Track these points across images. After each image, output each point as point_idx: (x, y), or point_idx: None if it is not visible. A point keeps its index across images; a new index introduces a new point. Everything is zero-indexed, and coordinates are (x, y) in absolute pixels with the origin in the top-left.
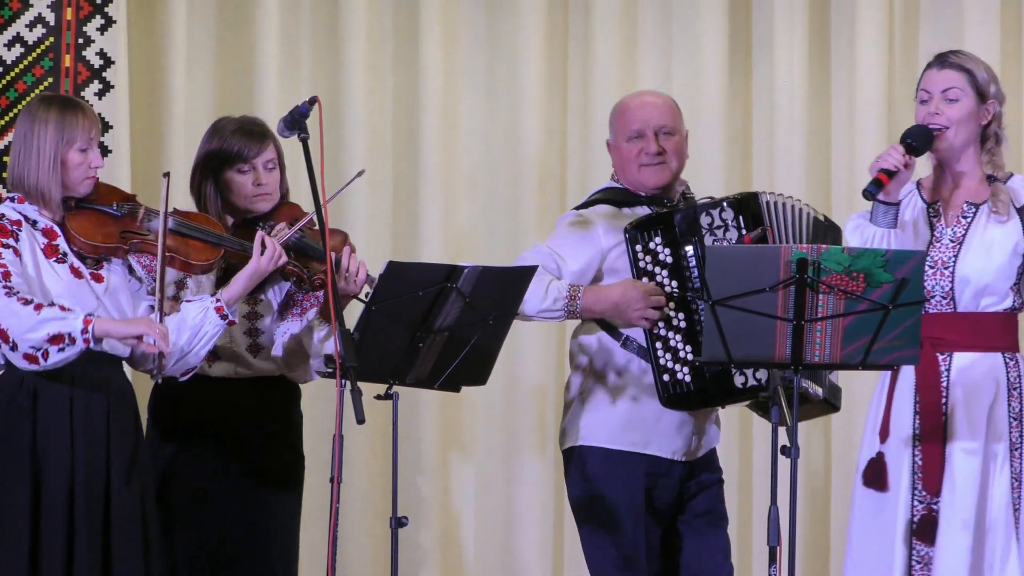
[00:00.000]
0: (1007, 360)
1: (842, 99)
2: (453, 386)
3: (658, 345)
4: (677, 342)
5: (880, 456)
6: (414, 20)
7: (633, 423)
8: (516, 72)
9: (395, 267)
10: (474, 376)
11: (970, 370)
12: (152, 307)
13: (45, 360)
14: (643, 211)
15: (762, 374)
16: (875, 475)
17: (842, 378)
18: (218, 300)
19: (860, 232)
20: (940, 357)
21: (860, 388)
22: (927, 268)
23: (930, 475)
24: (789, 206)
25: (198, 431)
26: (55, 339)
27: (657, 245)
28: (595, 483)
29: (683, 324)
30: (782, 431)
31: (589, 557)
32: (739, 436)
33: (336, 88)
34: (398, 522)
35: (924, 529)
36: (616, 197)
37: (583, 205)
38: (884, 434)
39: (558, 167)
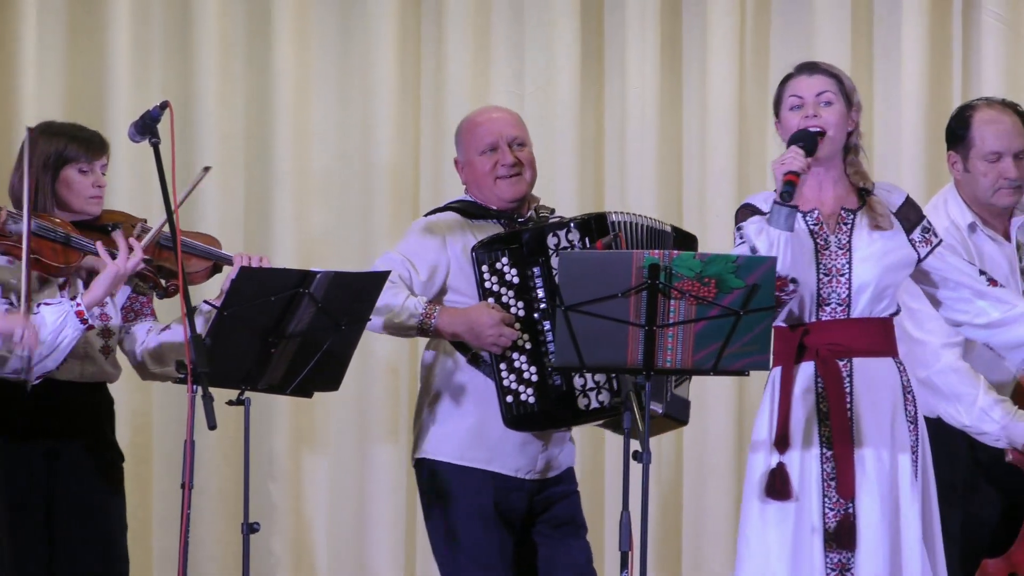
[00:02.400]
0: (898, 365)
1: (694, 107)
2: (305, 391)
3: (503, 366)
4: (522, 363)
5: (781, 466)
6: (266, 25)
7: (478, 440)
8: (368, 77)
9: (247, 273)
10: (327, 381)
11: (872, 375)
12: (7, 310)
13: None
14: (492, 225)
15: (605, 397)
16: (778, 485)
17: (694, 384)
18: (78, 304)
19: (766, 235)
20: (841, 363)
21: (712, 395)
22: (822, 276)
23: (844, 481)
24: (638, 224)
25: (31, 433)
26: None
27: (504, 265)
28: (444, 497)
29: (528, 346)
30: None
31: (441, 566)
32: (591, 442)
33: (187, 92)
34: (250, 528)
35: (842, 535)
36: (464, 208)
37: (432, 212)
38: (783, 444)
39: (410, 172)
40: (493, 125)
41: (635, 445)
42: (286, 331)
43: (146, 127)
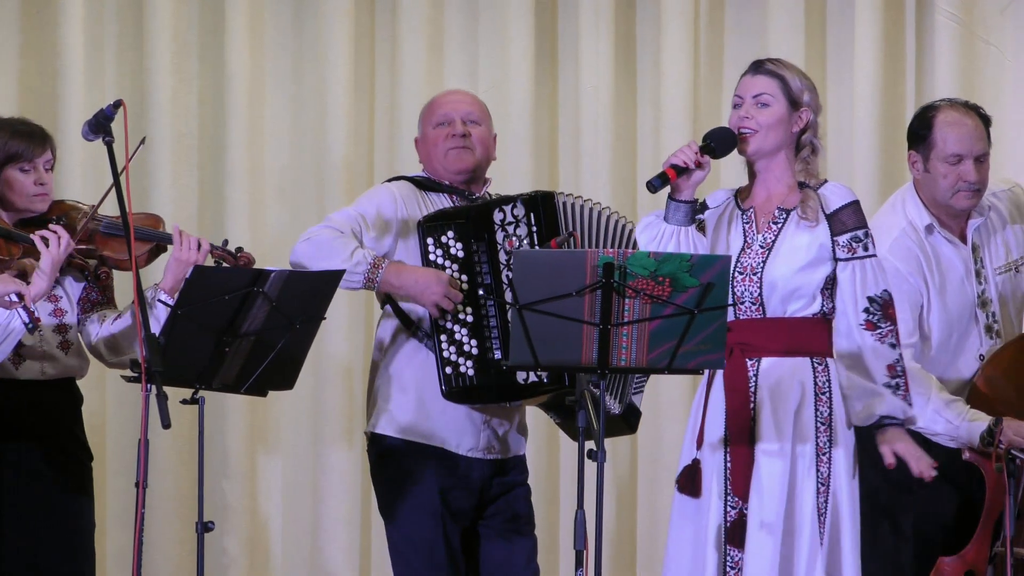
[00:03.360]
0: (816, 365)
1: (647, 105)
2: (260, 390)
3: (443, 338)
4: (462, 336)
5: (696, 463)
6: (219, 23)
7: (420, 413)
8: (322, 75)
9: (201, 272)
10: (281, 380)
11: (776, 374)
12: None
13: None
14: (444, 200)
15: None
16: (689, 481)
17: (649, 383)
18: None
19: (650, 229)
20: (749, 362)
21: (667, 394)
22: (737, 274)
23: (738, 479)
24: (587, 208)
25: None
26: None
27: (449, 239)
28: (391, 481)
29: (470, 319)
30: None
31: (393, 555)
32: (547, 440)
33: (141, 92)
34: (204, 527)
35: (734, 533)
36: (416, 178)
37: (390, 180)
38: (700, 440)
39: (365, 170)
40: (449, 103)
41: (590, 444)
42: (240, 330)
43: (100, 126)
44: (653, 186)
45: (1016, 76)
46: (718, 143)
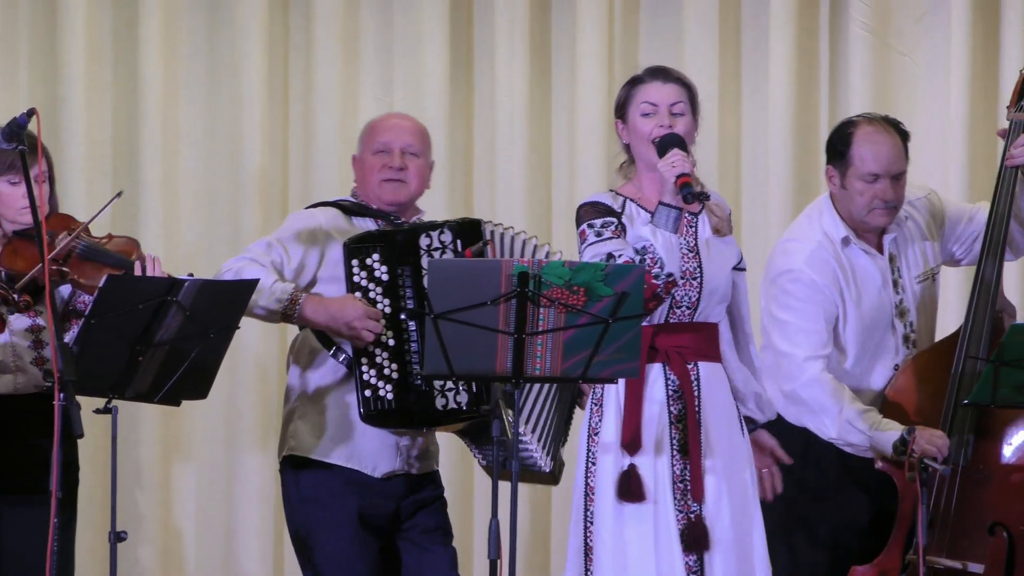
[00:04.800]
0: (724, 369)
1: (562, 112)
2: (173, 400)
3: (363, 360)
4: (383, 359)
5: (633, 468)
6: (133, 31)
7: (338, 434)
8: (237, 84)
9: (114, 280)
10: (195, 390)
11: (713, 379)
12: None
13: None
14: (371, 224)
15: (464, 398)
16: (630, 487)
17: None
18: None
19: (661, 237)
20: (688, 367)
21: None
22: None
23: (695, 484)
24: (513, 237)
25: None
26: None
27: (375, 262)
28: (308, 500)
29: (391, 342)
30: None
31: (309, 572)
32: (460, 450)
33: (54, 100)
34: (117, 536)
35: (691, 538)
36: (345, 204)
37: (315, 205)
38: (634, 446)
39: (279, 179)
40: (391, 129)
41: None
42: (154, 339)
43: (13, 134)
44: (692, 196)
45: (929, 87)
46: (683, 148)
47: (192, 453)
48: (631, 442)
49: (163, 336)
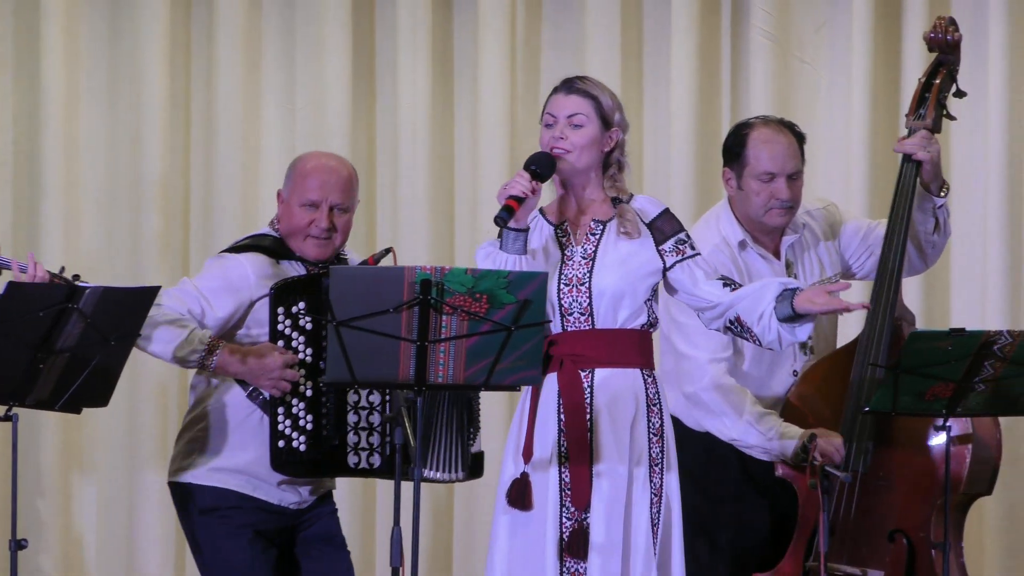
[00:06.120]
0: (645, 376)
1: (465, 121)
2: (74, 407)
3: (280, 409)
4: (299, 410)
5: (524, 476)
6: (34, 38)
7: (246, 471)
8: (138, 90)
9: (14, 287)
10: (96, 397)
11: (611, 386)
12: None
13: None
14: (296, 266)
15: (376, 460)
16: (519, 495)
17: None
18: None
19: (492, 260)
20: (583, 374)
21: (484, 410)
22: (563, 286)
23: (579, 491)
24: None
25: None
26: None
27: (300, 310)
28: (206, 511)
29: (309, 393)
30: None
31: None
32: None
33: None
34: (17, 544)
35: (575, 544)
36: (271, 247)
37: (237, 248)
38: (528, 454)
39: (181, 187)
40: (323, 183)
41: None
42: (55, 346)
43: None
44: (503, 219)
45: (830, 94)
46: (542, 168)
47: (92, 461)
48: (525, 450)
49: (64, 343)
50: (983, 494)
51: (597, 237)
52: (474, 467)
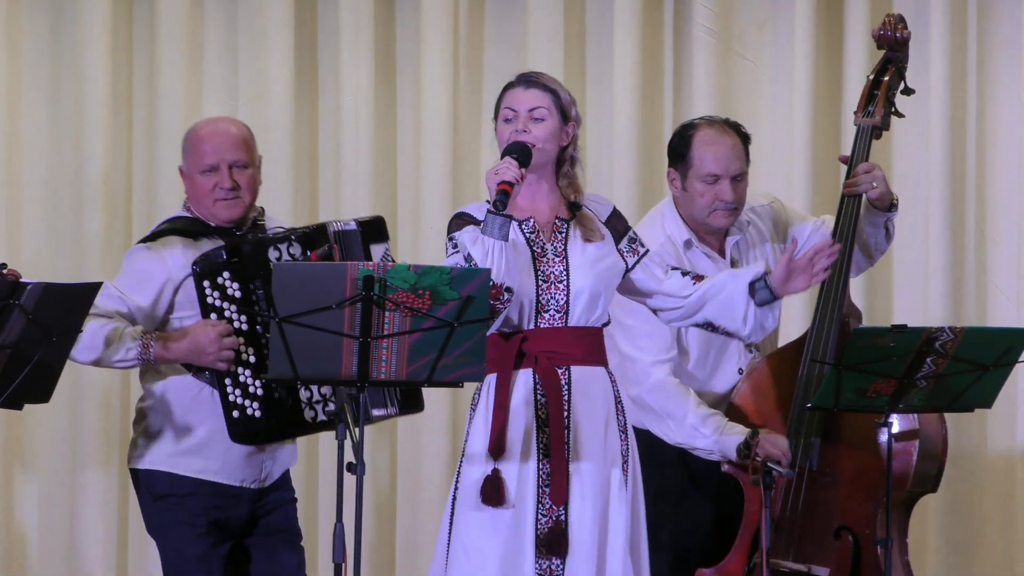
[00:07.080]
0: (609, 375)
1: (408, 116)
2: (16, 404)
3: (228, 381)
4: (247, 377)
5: (496, 472)
6: None
7: (204, 453)
8: (80, 86)
9: None
10: (37, 393)
11: (587, 384)
12: None
13: None
14: (214, 242)
15: (332, 408)
16: (493, 491)
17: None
18: None
19: (481, 244)
20: (559, 371)
21: (427, 406)
22: (541, 282)
23: (557, 487)
24: (352, 232)
25: None
26: None
27: (226, 280)
28: (160, 499)
29: (253, 359)
30: (348, 447)
31: (166, 569)
32: (306, 453)
33: None
34: None
35: (553, 541)
36: (187, 227)
37: (151, 237)
38: (499, 451)
39: (124, 183)
40: (216, 146)
41: (349, 456)
42: None
43: None
44: (502, 203)
45: (772, 91)
46: (522, 157)
47: (35, 458)
48: (495, 447)
49: (6, 339)
50: (929, 491)
51: (564, 235)
52: (407, 400)
